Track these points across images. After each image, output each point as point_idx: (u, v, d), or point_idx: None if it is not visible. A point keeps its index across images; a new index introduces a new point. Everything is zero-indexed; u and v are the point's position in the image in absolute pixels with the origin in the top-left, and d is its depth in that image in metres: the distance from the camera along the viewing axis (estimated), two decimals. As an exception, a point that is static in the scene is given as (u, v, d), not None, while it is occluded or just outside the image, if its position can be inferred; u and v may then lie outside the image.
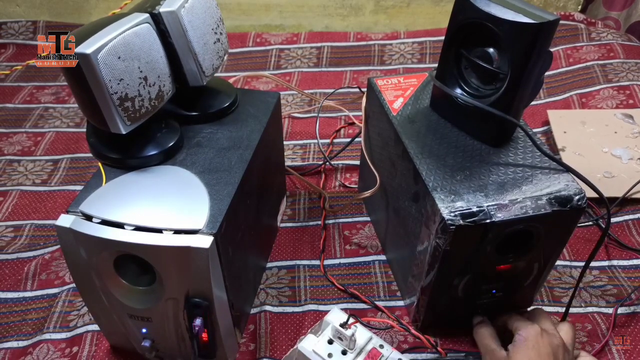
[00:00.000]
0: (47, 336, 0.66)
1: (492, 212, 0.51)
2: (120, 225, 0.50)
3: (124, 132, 0.52)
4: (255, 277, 0.71)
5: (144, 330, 0.57)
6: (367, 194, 0.69)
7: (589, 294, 0.70)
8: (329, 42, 1.27)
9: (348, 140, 0.96)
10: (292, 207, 0.86)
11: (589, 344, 0.64)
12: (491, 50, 0.55)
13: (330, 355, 0.55)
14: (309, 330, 0.58)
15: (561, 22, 1.37)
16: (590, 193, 0.54)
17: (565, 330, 0.57)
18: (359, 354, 0.55)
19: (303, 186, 0.90)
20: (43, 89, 1.15)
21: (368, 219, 0.83)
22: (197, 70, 0.59)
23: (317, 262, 0.76)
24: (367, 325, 0.57)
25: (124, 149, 0.56)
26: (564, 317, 0.63)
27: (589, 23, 1.27)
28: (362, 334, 0.57)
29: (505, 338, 0.59)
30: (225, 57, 0.65)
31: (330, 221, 0.83)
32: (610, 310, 0.68)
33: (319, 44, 1.27)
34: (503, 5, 0.51)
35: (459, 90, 0.59)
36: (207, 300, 0.52)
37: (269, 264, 0.76)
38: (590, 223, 0.80)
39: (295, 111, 1.07)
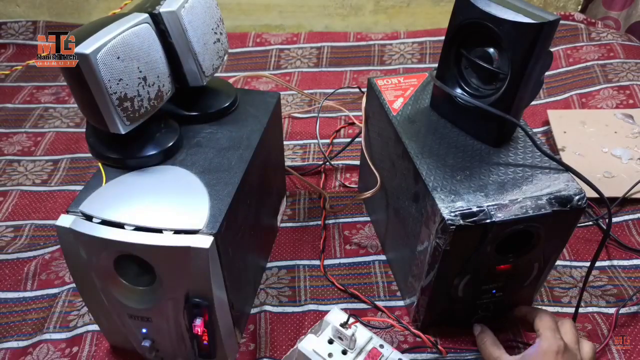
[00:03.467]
0: (47, 336, 0.66)
1: (492, 212, 0.51)
2: (120, 225, 0.50)
3: (123, 132, 0.52)
4: (255, 277, 0.71)
5: (144, 330, 0.57)
6: (368, 194, 0.69)
7: (589, 294, 0.70)
8: (329, 42, 1.27)
9: (348, 140, 0.96)
10: (292, 207, 0.86)
11: (589, 344, 0.64)
12: (491, 50, 0.55)
13: (330, 355, 0.55)
14: (309, 330, 0.58)
15: (561, 22, 1.37)
16: (590, 193, 0.54)
17: (586, 351, 0.55)
18: (359, 353, 0.55)
19: (303, 186, 0.90)
20: (43, 89, 1.15)
21: (368, 219, 0.83)
22: (197, 70, 0.59)
23: (317, 262, 0.76)
24: (368, 325, 0.57)
25: (124, 149, 0.56)
26: (573, 319, 0.62)
27: (589, 23, 1.26)
28: (362, 334, 0.57)
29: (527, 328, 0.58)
30: (225, 57, 0.65)
31: (330, 221, 0.83)
32: (610, 310, 0.67)
33: (319, 44, 1.27)
34: (503, 5, 0.51)
35: (459, 90, 0.59)
36: (207, 300, 0.52)
37: (269, 264, 0.76)
38: (590, 223, 0.80)
39: (295, 111, 1.07)
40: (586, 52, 1.16)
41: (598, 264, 0.74)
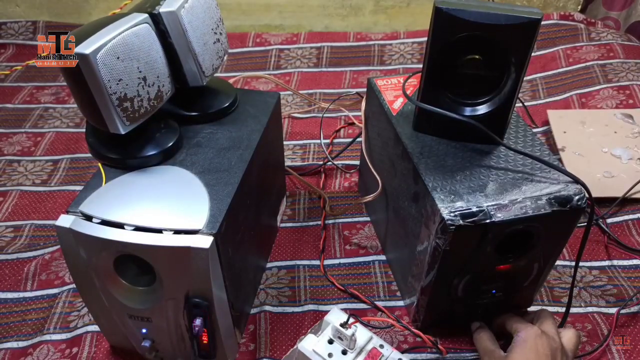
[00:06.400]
0: (47, 337, 0.66)
1: (492, 212, 0.51)
2: (120, 226, 0.50)
3: (122, 133, 0.52)
4: (255, 277, 0.71)
5: (144, 331, 0.57)
6: (369, 198, 0.69)
7: (589, 294, 0.70)
8: (329, 42, 1.27)
9: (348, 140, 0.96)
10: (292, 207, 0.86)
11: (589, 344, 0.64)
12: (477, 57, 0.55)
13: (330, 355, 0.55)
14: (309, 330, 0.58)
15: (561, 22, 1.37)
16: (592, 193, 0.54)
17: (568, 337, 0.56)
18: (359, 353, 0.55)
19: (303, 186, 0.90)
20: (43, 89, 1.15)
21: (368, 219, 0.83)
22: (196, 70, 0.59)
23: (317, 262, 0.76)
24: (368, 325, 0.57)
25: (123, 149, 0.56)
26: (564, 317, 0.62)
27: (589, 23, 1.26)
28: (362, 334, 0.57)
29: (506, 340, 0.59)
30: (225, 57, 0.66)
31: (330, 221, 0.83)
32: (610, 310, 0.68)
33: (318, 44, 1.27)
34: (491, 12, 0.51)
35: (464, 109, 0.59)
36: (207, 300, 0.52)
37: (269, 264, 0.76)
38: (590, 223, 0.80)
39: (295, 111, 1.07)
40: (586, 52, 1.16)
41: (598, 264, 0.75)
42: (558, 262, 0.74)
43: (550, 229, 0.54)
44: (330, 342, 0.56)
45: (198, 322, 0.52)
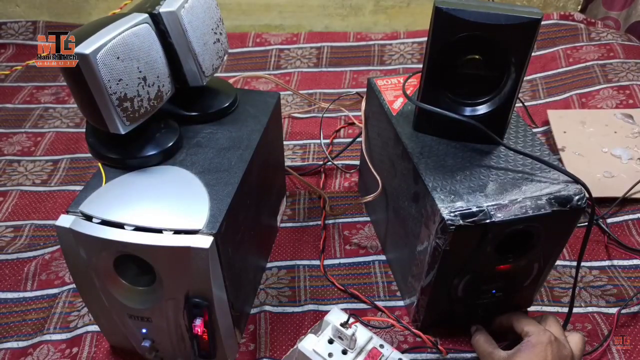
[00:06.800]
0: (47, 337, 0.66)
1: (492, 212, 0.51)
2: (120, 226, 0.50)
3: (122, 132, 0.52)
4: (255, 277, 0.71)
5: (144, 331, 0.57)
6: (369, 198, 0.69)
7: (589, 294, 0.70)
8: (329, 42, 1.27)
9: (348, 140, 0.96)
10: (292, 207, 0.86)
11: (589, 344, 0.64)
12: (477, 57, 0.55)
13: (330, 354, 0.55)
14: (309, 330, 0.58)
15: (561, 22, 1.38)
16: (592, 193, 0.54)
17: (575, 342, 0.56)
18: (359, 353, 0.55)
19: (303, 186, 0.90)
20: (43, 89, 1.15)
21: (368, 219, 0.83)
22: (196, 70, 0.59)
23: (317, 262, 0.76)
24: (368, 325, 0.57)
25: (123, 149, 0.56)
26: (566, 319, 0.62)
27: (589, 23, 1.27)
28: (362, 334, 0.57)
29: (508, 340, 0.59)
30: (225, 57, 0.66)
31: (330, 221, 0.83)
32: (610, 310, 0.67)
33: (318, 44, 1.27)
34: (491, 12, 0.51)
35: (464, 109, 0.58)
36: (207, 300, 0.52)
37: (269, 264, 0.76)
38: (591, 223, 0.80)
39: (295, 111, 1.07)
40: (586, 52, 1.16)
41: (598, 264, 0.75)
42: (558, 262, 0.74)
43: (550, 229, 0.54)
44: (331, 342, 0.56)
45: (198, 322, 0.52)
